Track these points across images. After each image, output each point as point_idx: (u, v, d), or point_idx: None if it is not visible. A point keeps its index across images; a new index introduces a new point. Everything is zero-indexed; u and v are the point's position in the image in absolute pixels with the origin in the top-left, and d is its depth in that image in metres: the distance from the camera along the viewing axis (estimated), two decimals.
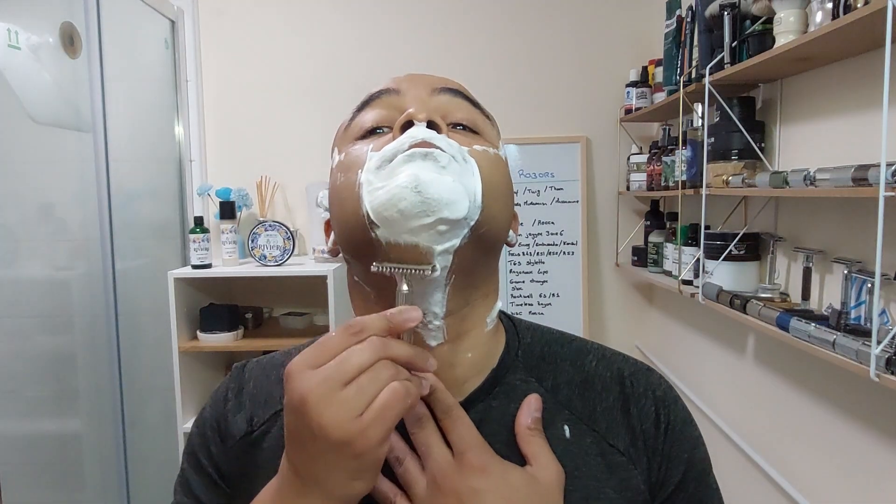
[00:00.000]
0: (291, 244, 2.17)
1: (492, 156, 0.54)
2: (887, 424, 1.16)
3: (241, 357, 2.43)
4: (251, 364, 0.65)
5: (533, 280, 2.45)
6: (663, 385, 0.59)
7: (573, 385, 0.58)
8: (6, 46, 1.88)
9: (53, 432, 2.29)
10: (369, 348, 0.45)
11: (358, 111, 0.58)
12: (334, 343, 0.46)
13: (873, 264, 1.00)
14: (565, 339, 0.62)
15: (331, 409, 0.43)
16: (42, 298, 2.26)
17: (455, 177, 0.48)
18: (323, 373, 0.44)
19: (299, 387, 0.44)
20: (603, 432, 0.55)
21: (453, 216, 0.47)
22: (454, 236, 0.48)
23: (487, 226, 0.51)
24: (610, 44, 2.42)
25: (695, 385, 2.03)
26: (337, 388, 0.44)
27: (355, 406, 0.43)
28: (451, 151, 0.50)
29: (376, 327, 0.46)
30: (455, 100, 0.57)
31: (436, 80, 0.58)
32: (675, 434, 0.56)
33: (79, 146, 2.03)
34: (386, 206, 0.48)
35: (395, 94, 0.56)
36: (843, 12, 1.08)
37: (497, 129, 0.60)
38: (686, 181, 1.75)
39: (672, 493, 0.55)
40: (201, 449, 0.61)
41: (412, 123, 0.52)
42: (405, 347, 0.47)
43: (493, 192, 0.51)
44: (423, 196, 0.46)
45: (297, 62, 2.45)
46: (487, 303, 0.57)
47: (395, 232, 0.48)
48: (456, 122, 0.56)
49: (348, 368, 0.44)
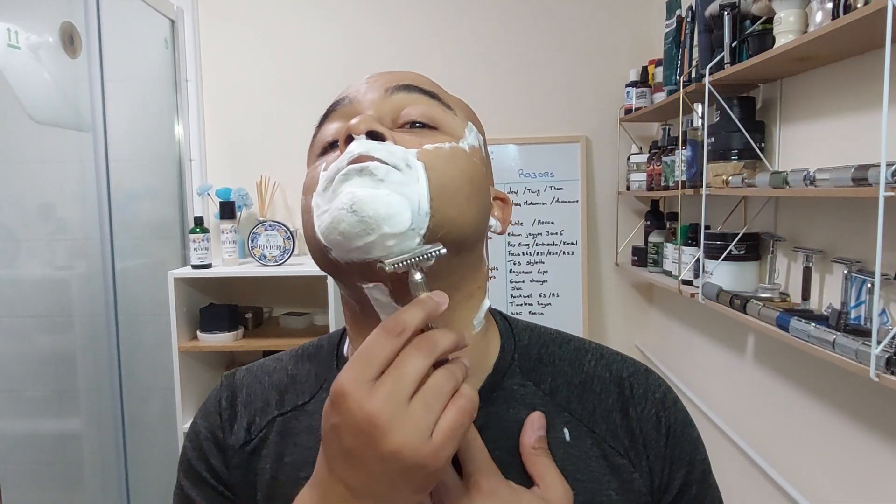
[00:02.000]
0: (291, 244, 2.17)
1: (447, 152, 0.51)
2: (887, 424, 1.16)
3: (241, 357, 2.44)
4: (241, 372, 0.64)
5: (533, 280, 2.45)
6: (662, 387, 0.59)
7: (572, 386, 0.57)
8: (6, 46, 1.88)
9: (53, 432, 2.29)
10: (423, 353, 0.43)
11: (319, 125, 0.57)
12: (381, 351, 0.43)
13: (873, 264, 1.00)
14: (563, 339, 0.61)
15: (403, 431, 0.41)
16: (42, 298, 2.26)
17: (394, 188, 0.47)
18: (385, 390, 0.41)
19: (364, 407, 0.41)
20: (602, 434, 0.55)
21: (394, 230, 0.46)
22: (405, 247, 0.47)
23: (444, 228, 0.48)
24: (610, 44, 2.42)
25: (694, 385, 2.03)
26: (403, 405, 0.41)
27: (426, 426, 0.41)
28: (393, 160, 0.48)
29: (417, 322, 0.44)
30: (411, 96, 0.54)
31: (393, 76, 0.56)
32: (677, 437, 0.56)
33: (79, 146, 2.03)
34: (329, 230, 0.47)
35: (349, 102, 0.55)
36: (843, 12, 1.08)
37: (463, 112, 0.57)
38: (686, 181, 1.75)
39: (676, 496, 0.55)
40: (200, 462, 0.59)
41: (353, 137, 0.50)
42: (448, 336, 0.45)
43: (446, 193, 0.49)
44: (360, 215, 0.45)
45: (297, 62, 2.45)
46: (472, 304, 0.55)
47: (344, 253, 0.47)
48: (411, 121, 0.53)
49: (409, 381, 0.42)
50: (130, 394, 2.06)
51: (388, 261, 0.47)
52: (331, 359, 0.61)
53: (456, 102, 0.58)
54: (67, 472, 2.29)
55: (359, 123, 0.50)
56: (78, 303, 2.24)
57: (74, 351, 2.26)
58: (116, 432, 2.02)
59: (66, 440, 2.29)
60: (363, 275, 0.49)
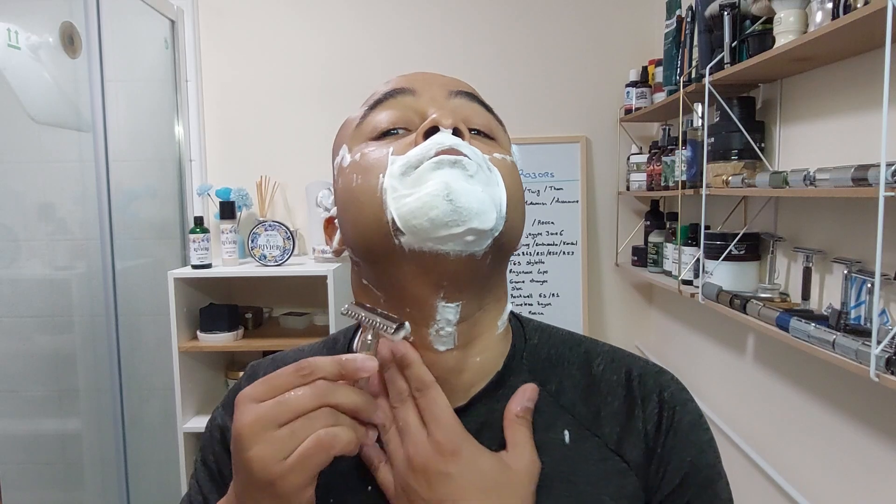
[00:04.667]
0: (291, 244, 2.17)
1: (509, 164, 0.53)
2: (887, 424, 1.16)
3: (241, 357, 2.44)
4: (265, 362, 0.66)
5: (533, 280, 2.45)
6: (673, 386, 0.57)
7: (578, 389, 0.57)
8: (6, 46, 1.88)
9: (53, 432, 2.30)
10: (311, 392, 0.46)
11: (370, 109, 0.55)
12: (281, 381, 0.46)
13: (873, 264, 1.00)
14: (574, 342, 0.61)
15: (259, 447, 0.44)
16: (42, 298, 2.26)
17: (483, 186, 0.48)
18: (261, 409, 0.45)
19: (239, 418, 0.45)
20: (605, 437, 0.54)
21: (482, 227, 0.47)
22: (478, 245, 0.48)
23: (508, 236, 0.50)
24: (610, 44, 2.42)
25: (695, 385, 2.03)
26: (271, 427, 0.45)
27: (283, 448, 0.44)
28: (477, 160, 0.49)
29: (327, 371, 0.47)
30: (472, 104, 0.56)
31: (449, 81, 0.57)
32: (678, 437, 0.54)
33: (79, 146, 2.04)
34: (415, 215, 0.46)
35: (410, 94, 0.55)
36: (843, 12, 1.08)
37: (507, 134, 0.59)
38: (686, 181, 1.75)
39: (667, 498, 0.53)
40: (208, 446, 0.63)
41: (436, 129, 0.50)
42: (352, 395, 0.47)
43: (513, 202, 0.51)
44: (455, 205, 0.46)
45: (297, 62, 2.45)
46: (499, 306, 0.56)
47: (421, 240, 0.47)
48: (474, 128, 0.54)
49: (285, 410, 0.45)
50: (130, 394, 2.06)
51: (350, 308, 0.51)
52: (343, 351, 0.62)
53: (502, 121, 0.59)
54: (67, 472, 2.30)
55: (447, 117, 0.50)
56: (78, 303, 2.24)
57: (74, 351, 2.26)
58: (116, 432, 2.02)
59: (66, 440, 2.30)
60: (425, 265, 0.48)
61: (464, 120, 0.53)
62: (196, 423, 2.12)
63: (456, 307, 0.51)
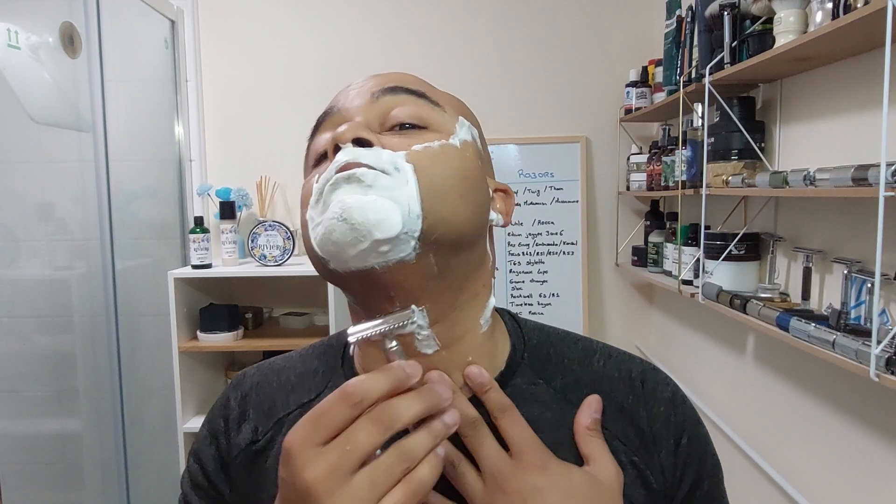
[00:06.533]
0: (291, 244, 2.17)
1: (436, 150, 0.50)
2: (887, 424, 1.16)
3: (241, 357, 2.44)
4: (251, 370, 0.65)
5: (533, 280, 2.45)
6: (671, 385, 0.59)
7: (582, 386, 0.57)
8: (6, 46, 1.88)
9: (53, 432, 2.30)
10: (378, 429, 0.41)
11: (311, 136, 0.56)
12: (335, 416, 0.42)
13: (873, 264, 1.00)
14: (571, 339, 0.61)
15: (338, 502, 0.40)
16: (42, 298, 2.26)
17: (382, 192, 0.46)
18: (330, 459, 0.40)
19: (305, 474, 0.41)
20: (615, 433, 0.55)
21: (386, 235, 0.45)
22: (398, 253, 0.46)
23: (439, 229, 0.48)
24: (610, 44, 2.42)
25: (694, 385, 2.03)
26: (346, 478, 0.40)
27: (366, 503, 0.40)
28: (380, 165, 0.47)
29: (378, 393, 0.43)
30: (397, 98, 0.54)
31: (378, 80, 0.55)
32: (688, 435, 0.56)
33: (79, 146, 2.03)
34: (324, 242, 0.47)
35: (336, 113, 0.55)
36: (843, 12, 1.08)
37: (453, 107, 0.56)
38: (686, 181, 1.75)
39: (689, 493, 0.55)
40: (197, 470, 0.62)
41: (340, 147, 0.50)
42: (413, 404, 0.43)
43: (437, 192, 0.48)
44: (350, 223, 0.45)
45: (297, 62, 2.45)
46: (478, 303, 0.55)
47: (342, 262, 0.47)
48: (399, 123, 0.52)
49: (356, 455, 0.41)
50: (130, 394, 2.06)
51: (355, 333, 0.46)
52: (337, 358, 0.61)
53: (445, 98, 0.57)
54: (67, 472, 2.30)
55: (345, 132, 0.49)
56: (78, 303, 2.24)
57: (74, 351, 2.26)
58: (116, 432, 2.02)
59: (66, 440, 2.30)
60: (364, 283, 0.49)
61: (385, 119, 0.53)
62: (196, 423, 2.11)
63: (421, 311, 0.50)
